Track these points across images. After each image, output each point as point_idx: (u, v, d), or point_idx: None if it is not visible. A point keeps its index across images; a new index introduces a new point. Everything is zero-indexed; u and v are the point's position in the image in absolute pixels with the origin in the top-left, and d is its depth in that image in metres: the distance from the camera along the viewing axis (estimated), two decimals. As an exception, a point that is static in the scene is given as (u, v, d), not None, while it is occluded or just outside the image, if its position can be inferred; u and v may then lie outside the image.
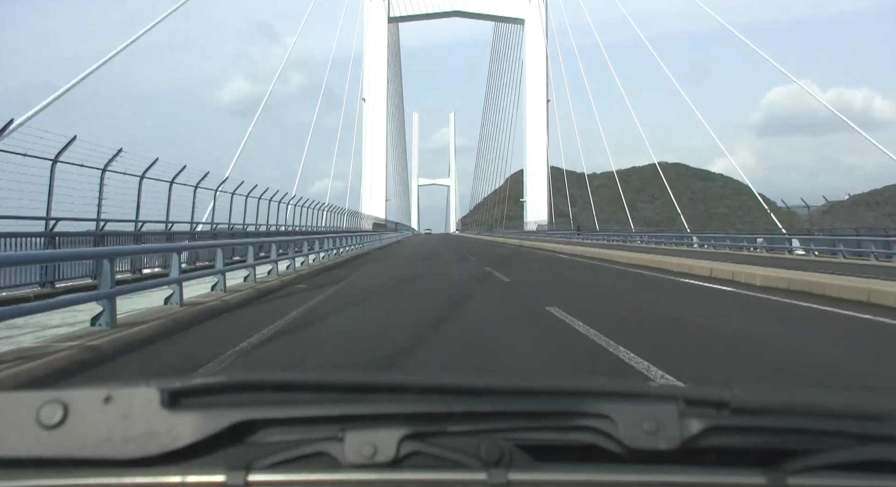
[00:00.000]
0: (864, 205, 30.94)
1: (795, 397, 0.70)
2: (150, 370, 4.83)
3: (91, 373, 4.59)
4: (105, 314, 5.99)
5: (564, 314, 7.10)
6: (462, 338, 5.94)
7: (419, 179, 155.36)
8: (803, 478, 0.64)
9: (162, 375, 2.90)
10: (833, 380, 4.30)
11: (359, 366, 4.64)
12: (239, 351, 5.29)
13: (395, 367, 4.66)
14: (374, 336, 6.08)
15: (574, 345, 5.48)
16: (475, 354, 5.22)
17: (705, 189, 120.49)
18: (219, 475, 0.64)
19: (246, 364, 4.81)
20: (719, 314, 7.83)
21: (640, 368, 4.46)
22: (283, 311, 7.80)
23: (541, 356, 5.24)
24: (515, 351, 5.40)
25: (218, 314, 7.81)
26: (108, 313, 6.00)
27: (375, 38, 73.67)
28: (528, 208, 79.93)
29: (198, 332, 6.61)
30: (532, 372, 4.66)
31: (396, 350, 5.29)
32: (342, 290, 10.88)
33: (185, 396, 0.68)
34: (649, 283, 12.03)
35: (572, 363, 4.88)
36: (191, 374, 4.19)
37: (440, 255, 24.97)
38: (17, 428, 0.65)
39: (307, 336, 6.19)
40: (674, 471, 0.64)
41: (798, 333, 6.42)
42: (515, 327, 6.81)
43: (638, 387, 0.69)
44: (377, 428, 0.65)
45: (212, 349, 5.37)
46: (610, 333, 5.77)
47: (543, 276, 14.45)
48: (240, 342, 5.68)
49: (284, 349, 5.55)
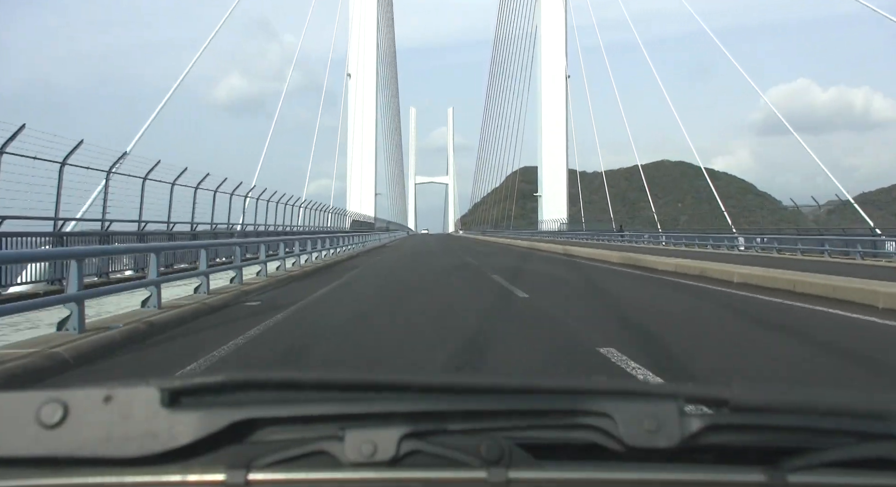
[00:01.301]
0: (871, 204, 30.75)
1: (796, 395, 0.72)
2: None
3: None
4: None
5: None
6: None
7: (416, 177, 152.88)
8: (803, 476, 0.65)
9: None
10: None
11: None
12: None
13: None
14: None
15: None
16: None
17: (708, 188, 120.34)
18: (219, 474, 0.65)
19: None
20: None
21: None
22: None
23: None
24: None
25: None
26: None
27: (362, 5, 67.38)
28: (542, 204, 72.73)
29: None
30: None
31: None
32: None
33: (185, 395, 0.69)
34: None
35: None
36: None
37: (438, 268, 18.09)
38: (17, 428, 0.66)
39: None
40: (674, 469, 0.66)
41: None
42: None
43: (638, 386, 0.71)
44: (377, 427, 0.67)
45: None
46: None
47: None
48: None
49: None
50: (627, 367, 4.92)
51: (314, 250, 19.38)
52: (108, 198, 13.69)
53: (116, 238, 13.73)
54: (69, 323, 5.90)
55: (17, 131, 10.49)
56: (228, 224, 21.78)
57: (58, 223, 11.96)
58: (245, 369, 4.99)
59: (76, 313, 5.91)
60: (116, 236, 13.92)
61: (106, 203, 13.62)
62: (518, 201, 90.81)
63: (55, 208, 11.77)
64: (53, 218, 11.71)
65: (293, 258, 17.09)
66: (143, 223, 15.35)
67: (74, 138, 12.04)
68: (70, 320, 5.91)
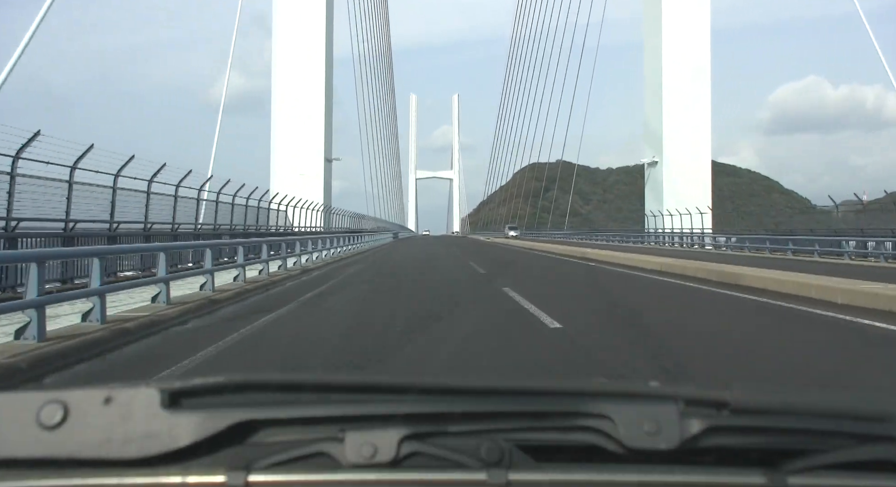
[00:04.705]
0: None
1: (795, 397, 0.76)
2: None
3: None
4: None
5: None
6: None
7: (418, 171, 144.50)
8: (803, 478, 0.69)
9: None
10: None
11: None
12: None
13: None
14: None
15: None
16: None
17: (731, 186, 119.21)
18: (219, 475, 0.69)
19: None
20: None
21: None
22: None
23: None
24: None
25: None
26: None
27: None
28: (665, 186, 47.15)
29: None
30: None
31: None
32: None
33: (185, 396, 0.73)
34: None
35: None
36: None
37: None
38: (18, 429, 0.70)
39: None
40: (674, 471, 0.69)
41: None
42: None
43: (638, 387, 0.74)
44: (377, 429, 0.70)
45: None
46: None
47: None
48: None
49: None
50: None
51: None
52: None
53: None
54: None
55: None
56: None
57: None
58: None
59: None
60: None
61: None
62: (529, 199, 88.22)
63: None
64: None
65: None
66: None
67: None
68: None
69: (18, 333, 5.96)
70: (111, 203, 14.68)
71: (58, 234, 12.86)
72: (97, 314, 7.08)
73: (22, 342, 5.80)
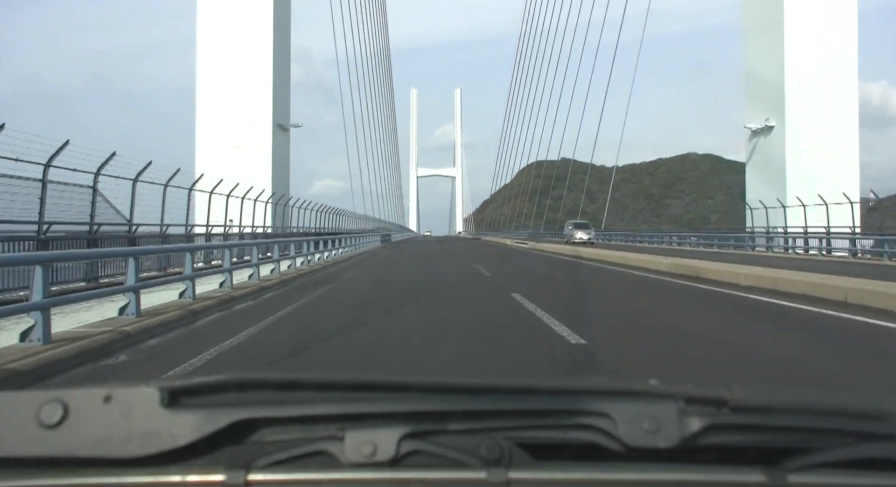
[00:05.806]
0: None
1: (795, 395, 0.77)
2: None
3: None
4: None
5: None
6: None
7: (419, 169, 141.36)
8: (803, 476, 0.70)
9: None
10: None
11: None
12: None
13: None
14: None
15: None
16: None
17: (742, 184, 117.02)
18: (219, 474, 0.70)
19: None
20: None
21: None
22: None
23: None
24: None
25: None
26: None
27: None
28: (789, 163, 32.56)
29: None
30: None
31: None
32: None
33: (185, 395, 0.74)
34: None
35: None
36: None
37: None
38: (17, 428, 0.71)
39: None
40: (673, 469, 0.71)
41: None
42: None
43: (637, 386, 0.75)
44: (377, 427, 0.71)
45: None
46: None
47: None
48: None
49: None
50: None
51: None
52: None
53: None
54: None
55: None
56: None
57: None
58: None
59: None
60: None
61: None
62: (532, 198, 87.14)
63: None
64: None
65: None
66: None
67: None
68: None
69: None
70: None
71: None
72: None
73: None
